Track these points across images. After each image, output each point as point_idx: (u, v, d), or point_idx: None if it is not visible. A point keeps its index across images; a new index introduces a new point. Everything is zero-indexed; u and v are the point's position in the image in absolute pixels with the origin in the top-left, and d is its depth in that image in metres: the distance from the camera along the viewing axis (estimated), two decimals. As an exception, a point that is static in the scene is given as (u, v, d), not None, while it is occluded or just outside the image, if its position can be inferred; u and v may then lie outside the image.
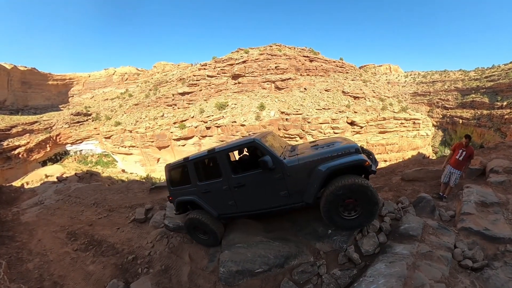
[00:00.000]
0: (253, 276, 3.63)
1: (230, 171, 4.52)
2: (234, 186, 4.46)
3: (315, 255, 3.92)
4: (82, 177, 12.72)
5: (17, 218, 6.29)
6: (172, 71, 67.30)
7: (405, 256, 3.43)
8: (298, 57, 48.57)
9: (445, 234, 4.04)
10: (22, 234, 5.42)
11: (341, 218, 3.91)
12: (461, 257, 3.57)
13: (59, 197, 7.89)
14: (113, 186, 8.70)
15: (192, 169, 4.95)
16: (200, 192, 4.88)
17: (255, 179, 4.32)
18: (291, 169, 4.04)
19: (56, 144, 53.25)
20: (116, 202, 6.88)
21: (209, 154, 4.81)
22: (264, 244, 4.07)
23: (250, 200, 4.48)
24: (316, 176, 3.86)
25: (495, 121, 54.52)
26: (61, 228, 5.51)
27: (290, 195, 4.12)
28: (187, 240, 4.84)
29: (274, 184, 4.16)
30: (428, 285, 2.88)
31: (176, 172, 5.45)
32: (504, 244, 3.67)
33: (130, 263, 4.29)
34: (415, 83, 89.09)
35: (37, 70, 68.03)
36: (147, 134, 43.03)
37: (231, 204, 4.59)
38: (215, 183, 4.71)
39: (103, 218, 6.03)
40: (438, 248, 3.67)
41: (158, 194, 7.09)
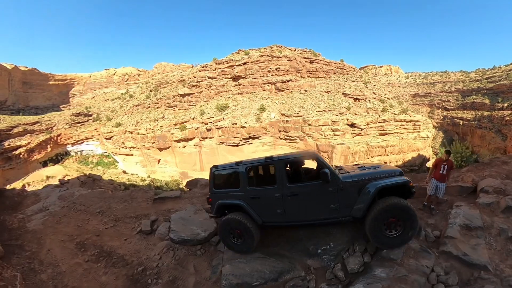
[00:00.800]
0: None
1: (286, 180, 4.68)
2: (288, 194, 4.61)
3: (306, 270, 4.36)
4: (85, 182, 12.86)
5: (24, 226, 6.43)
6: (173, 72, 67.46)
7: (382, 279, 3.78)
8: (299, 58, 48.66)
9: (426, 257, 4.24)
10: (31, 243, 5.56)
11: (384, 235, 4.18)
12: (435, 281, 3.79)
13: (63, 204, 8.04)
14: (116, 194, 8.86)
15: (244, 174, 5.01)
16: (248, 197, 4.93)
17: (310, 190, 4.55)
18: (345, 184, 4.36)
19: (57, 144, 53.39)
20: (121, 211, 7.07)
21: (266, 161, 4.98)
22: (261, 260, 4.54)
23: (300, 210, 4.64)
24: (367, 192, 4.25)
25: (496, 122, 54.40)
26: (69, 238, 5.65)
27: (340, 209, 4.40)
28: (191, 252, 5.03)
29: (327, 196, 4.41)
30: None
31: (222, 175, 5.50)
32: (478, 270, 3.79)
33: (140, 274, 4.49)
34: (416, 84, 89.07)
35: (38, 70, 68.20)
36: (147, 135, 43.14)
37: (279, 212, 4.71)
38: (267, 190, 4.84)
39: (109, 228, 6.21)
40: (414, 272, 3.91)
41: (162, 205, 7.24)
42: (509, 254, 4.20)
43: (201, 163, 41.86)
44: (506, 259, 4.11)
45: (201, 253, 5.03)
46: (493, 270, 3.76)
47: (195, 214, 6.08)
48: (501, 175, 7.88)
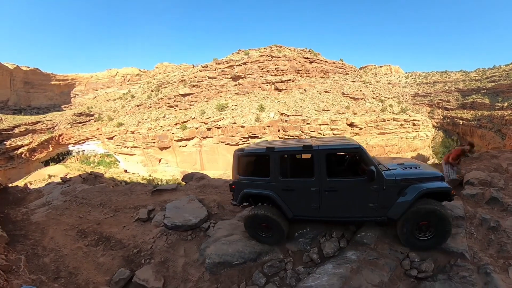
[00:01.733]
0: (231, 267, 4.28)
1: (326, 173, 4.28)
2: (326, 189, 4.27)
3: (285, 253, 4.51)
4: (86, 179, 13.16)
5: (27, 218, 6.76)
6: (174, 72, 67.81)
7: (352, 261, 3.89)
8: (298, 58, 48.94)
9: (401, 244, 4.27)
10: (34, 232, 5.91)
11: (415, 237, 4.07)
12: (408, 266, 3.84)
13: (66, 198, 8.37)
14: (117, 188, 9.23)
15: (277, 162, 4.52)
16: (279, 188, 4.51)
17: (350, 186, 4.25)
18: (388, 183, 4.10)
19: (59, 144, 53.87)
20: (121, 203, 7.45)
21: (304, 149, 4.45)
22: (243, 242, 4.68)
23: (336, 207, 4.35)
24: (409, 195, 4.02)
25: (496, 122, 54.20)
26: (71, 227, 6.04)
27: (377, 209, 4.18)
28: (183, 237, 5.32)
29: (367, 194, 4.16)
30: (365, 286, 3.36)
31: (250, 160, 5.04)
32: (455, 258, 3.82)
33: (135, 255, 4.88)
34: (416, 84, 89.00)
35: (39, 70, 68.70)
36: (149, 134, 43.52)
37: (314, 207, 4.39)
38: (303, 182, 4.43)
39: (109, 217, 6.59)
40: (386, 257, 4.00)
41: (159, 196, 7.62)
42: (490, 243, 4.20)
43: (202, 162, 42.20)
44: (486, 248, 4.14)
45: (192, 238, 5.32)
46: (471, 258, 3.77)
47: (188, 203, 6.39)
48: (489, 168, 8.04)
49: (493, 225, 4.55)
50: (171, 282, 4.14)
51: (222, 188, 7.98)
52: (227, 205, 6.62)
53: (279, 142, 5.13)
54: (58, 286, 4.01)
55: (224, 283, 3.99)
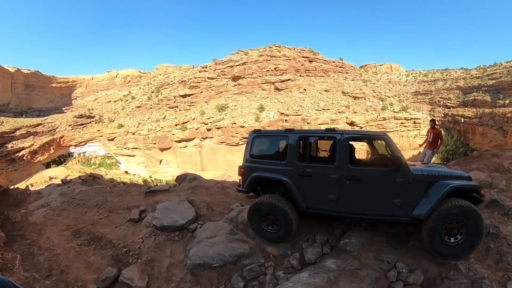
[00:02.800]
0: (211, 269, 4.24)
1: (348, 160, 4.01)
2: (347, 178, 3.94)
3: (266, 257, 4.38)
4: (86, 180, 13.25)
5: (26, 219, 6.87)
6: (174, 73, 67.98)
7: (331, 270, 3.60)
8: (298, 57, 48.92)
9: (389, 252, 3.99)
10: (32, 233, 6.00)
11: (441, 241, 3.61)
12: (394, 278, 3.51)
13: (64, 199, 8.46)
14: (114, 189, 9.36)
15: (295, 144, 4.25)
16: (295, 173, 4.20)
17: (374, 176, 3.92)
18: (414, 177, 3.77)
19: (60, 146, 54.05)
20: (115, 204, 7.54)
21: (326, 133, 4.23)
22: (224, 244, 4.57)
23: (356, 200, 4.00)
24: (437, 191, 3.64)
25: (497, 119, 53.87)
26: (67, 227, 6.15)
27: (401, 206, 3.80)
28: (170, 237, 5.35)
29: (392, 188, 3.82)
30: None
31: (265, 141, 4.75)
32: (448, 269, 3.52)
33: (123, 255, 4.98)
34: (417, 82, 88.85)
35: (40, 72, 68.99)
36: (149, 136, 43.64)
37: (331, 198, 4.03)
38: (322, 168, 4.15)
39: (103, 218, 6.69)
40: (369, 267, 3.70)
41: (152, 197, 7.72)
42: (488, 253, 3.85)
43: (202, 163, 42.25)
44: (484, 258, 3.80)
45: (179, 239, 5.34)
46: (465, 270, 3.45)
47: (178, 204, 6.41)
48: (490, 168, 7.64)
49: (493, 232, 4.13)
50: (154, 282, 4.21)
51: (212, 189, 8.00)
52: (217, 206, 6.62)
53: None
54: (50, 283, 4.13)
55: (204, 285, 4.01)
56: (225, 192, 7.65)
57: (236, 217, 5.53)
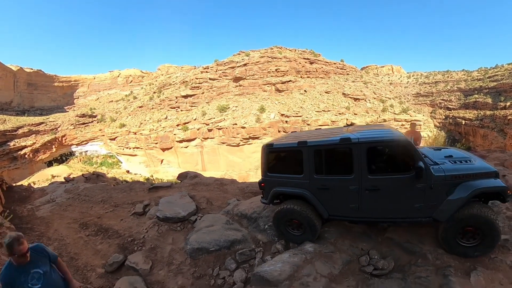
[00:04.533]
0: (208, 253, 4.70)
1: (367, 170, 3.85)
2: (367, 188, 3.84)
3: (256, 243, 4.82)
4: (89, 178, 13.50)
5: (33, 214, 7.15)
6: (176, 73, 68.27)
7: (308, 252, 3.97)
8: (299, 59, 49.15)
9: (365, 241, 4.25)
10: (40, 226, 6.35)
11: (457, 243, 3.64)
12: (366, 263, 3.77)
13: (69, 196, 8.73)
14: (118, 186, 9.67)
15: (311, 158, 4.13)
16: (314, 187, 4.15)
17: (394, 184, 3.78)
18: (436, 180, 3.62)
19: (62, 145, 54.41)
20: (120, 199, 7.94)
21: (341, 143, 3.96)
22: (220, 232, 5.07)
23: (377, 207, 3.93)
24: (461, 194, 3.50)
25: (498, 122, 53.76)
26: (74, 221, 6.57)
27: (423, 209, 3.71)
28: (172, 228, 5.79)
29: (413, 194, 3.70)
30: (313, 276, 3.46)
31: (281, 156, 4.63)
32: (417, 258, 3.71)
33: (129, 243, 5.38)
34: (418, 83, 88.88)
35: (43, 72, 69.43)
36: (151, 136, 43.93)
37: (352, 207, 4.00)
38: (340, 180, 4.02)
39: (109, 212, 7.11)
40: (343, 252, 4.02)
41: (155, 193, 8.14)
42: None
43: (203, 163, 42.49)
44: None
45: (180, 229, 5.75)
46: (433, 259, 3.63)
47: (180, 198, 6.84)
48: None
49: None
50: (157, 265, 4.61)
51: (212, 186, 8.39)
52: (215, 201, 7.01)
53: (312, 133, 4.78)
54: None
55: (201, 267, 4.42)
56: (223, 188, 8.02)
57: (232, 210, 5.94)
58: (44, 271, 2.63)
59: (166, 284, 4.14)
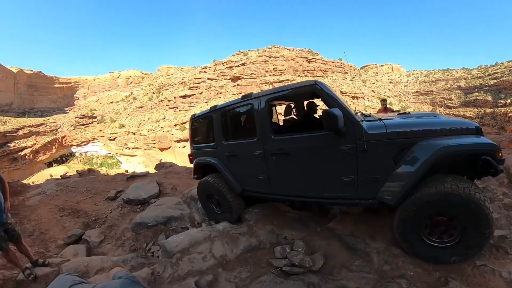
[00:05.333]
0: (148, 228, 4.96)
1: (270, 130, 3.13)
2: (273, 152, 3.07)
3: (192, 222, 4.97)
4: (82, 174, 13.81)
5: (23, 204, 7.58)
6: (176, 74, 68.62)
7: (215, 230, 3.56)
8: (296, 58, 49.33)
9: (296, 229, 3.43)
10: (25, 212, 6.84)
11: (421, 241, 2.36)
12: (279, 254, 2.94)
13: (58, 188, 9.13)
14: (103, 178, 9.95)
15: (219, 122, 3.76)
16: (223, 154, 3.72)
17: (307, 146, 2.80)
18: (372, 138, 2.40)
19: (62, 145, 54.78)
20: (101, 188, 8.55)
21: (243, 100, 3.42)
22: (162, 209, 5.36)
23: (291, 179, 3.06)
24: (415, 158, 2.24)
25: (499, 119, 53.76)
26: (56, 207, 7.12)
27: (358, 185, 2.54)
28: (133, 209, 6.27)
29: (337, 160, 2.60)
30: (204, 254, 3.08)
31: (200, 125, 4.38)
32: (355, 258, 2.69)
33: (92, 222, 6.04)
34: (418, 82, 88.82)
35: (43, 73, 70.09)
36: (149, 136, 44.20)
37: (262, 179, 3.29)
38: (245, 144, 3.43)
39: (87, 198, 7.70)
40: (254, 236, 3.35)
41: (131, 182, 8.71)
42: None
43: (201, 162, 42.67)
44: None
45: (140, 210, 6.15)
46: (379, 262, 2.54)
47: (148, 184, 7.38)
48: None
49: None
50: (107, 240, 5.17)
51: (182, 174, 8.96)
52: (180, 187, 7.36)
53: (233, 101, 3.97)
54: (29, 240, 5.09)
55: (139, 241, 4.73)
56: (191, 176, 8.39)
57: (187, 193, 6.14)
58: None
59: (107, 255, 4.50)
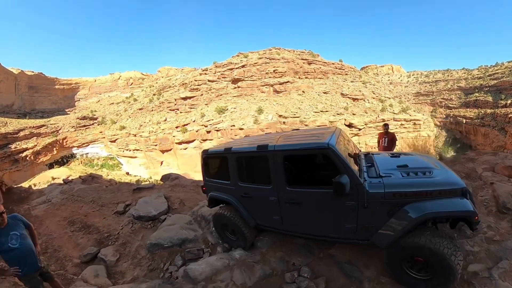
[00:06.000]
0: (163, 249, 5.09)
1: (285, 181, 3.49)
2: (286, 201, 3.49)
3: (206, 244, 5.11)
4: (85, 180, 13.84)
5: (29, 213, 7.68)
6: (176, 75, 68.66)
7: (233, 258, 3.93)
8: (297, 60, 49.36)
9: (302, 256, 3.86)
10: (33, 224, 6.69)
11: (404, 272, 2.96)
12: (290, 280, 3.39)
13: (63, 196, 9.21)
14: (108, 188, 10.09)
15: (234, 164, 4.03)
16: (239, 194, 4.05)
17: (318, 199, 3.27)
18: (372, 197, 2.93)
19: (63, 147, 54.81)
20: (107, 199, 8.61)
21: (258, 151, 3.69)
22: (176, 230, 5.46)
23: (302, 222, 3.53)
24: (406, 216, 2.79)
25: (499, 120, 53.53)
26: (64, 219, 7.31)
27: (357, 231, 3.09)
28: (144, 226, 6.34)
29: (342, 212, 3.11)
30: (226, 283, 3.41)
31: (214, 161, 4.64)
32: (351, 284, 3.18)
33: (105, 238, 6.07)
34: (418, 83, 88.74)
35: (43, 74, 70.08)
36: (150, 138, 44.27)
37: (275, 219, 3.72)
38: (260, 189, 3.80)
39: (96, 211, 7.78)
40: (267, 263, 3.78)
41: (138, 194, 8.79)
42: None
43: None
44: None
45: (151, 227, 6.30)
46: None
47: (156, 199, 7.36)
48: (461, 174, 6.63)
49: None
50: (123, 258, 5.23)
51: (188, 188, 8.99)
52: (188, 202, 7.45)
53: (245, 140, 4.66)
54: (44, 258, 5.09)
55: (156, 261, 4.87)
56: (198, 190, 8.61)
57: (197, 211, 6.24)
58: (20, 233, 3.27)
59: (125, 274, 4.63)
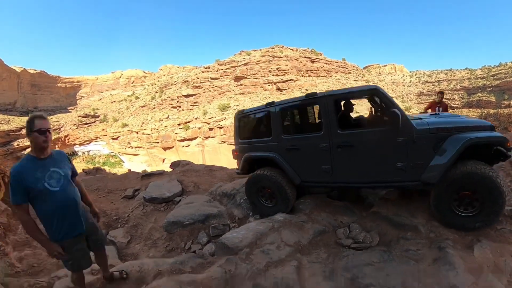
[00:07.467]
0: (183, 227, 4.67)
1: (337, 125, 3.54)
2: (338, 145, 3.50)
3: (232, 219, 4.74)
4: (89, 172, 13.70)
5: None
6: (178, 73, 68.60)
7: (277, 221, 3.64)
8: (300, 58, 49.22)
9: (346, 215, 3.87)
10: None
11: (452, 212, 3.07)
12: (343, 236, 3.37)
13: None
14: (114, 176, 9.84)
15: (278, 118, 3.99)
16: (283, 148, 3.95)
17: (370, 139, 3.38)
18: (419, 133, 3.11)
19: (65, 145, 54.83)
20: (114, 186, 8.28)
21: (307, 99, 3.78)
22: (197, 207, 5.08)
23: (353, 168, 3.54)
24: (450, 148, 2.96)
25: (502, 120, 53.32)
26: None
27: (408, 169, 3.21)
28: (157, 208, 5.95)
29: (393, 150, 3.24)
30: (277, 244, 3.14)
31: (250, 121, 4.60)
32: (406, 231, 3.23)
33: (113, 221, 5.75)
34: (421, 82, 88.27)
35: (46, 73, 70.19)
36: (152, 135, 44.18)
37: (325, 169, 3.65)
38: (309, 138, 3.79)
39: (102, 197, 7.43)
40: (316, 222, 3.64)
41: (147, 180, 8.41)
42: None
43: (204, 161, 42.51)
44: None
45: (164, 209, 5.83)
46: (426, 232, 3.14)
47: (168, 182, 7.03)
48: None
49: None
50: (135, 240, 4.89)
51: (201, 172, 8.66)
52: (202, 185, 7.15)
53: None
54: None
55: (175, 241, 4.47)
56: (212, 174, 8.30)
57: (216, 190, 5.93)
58: (65, 174, 2.18)
59: (139, 256, 4.26)
